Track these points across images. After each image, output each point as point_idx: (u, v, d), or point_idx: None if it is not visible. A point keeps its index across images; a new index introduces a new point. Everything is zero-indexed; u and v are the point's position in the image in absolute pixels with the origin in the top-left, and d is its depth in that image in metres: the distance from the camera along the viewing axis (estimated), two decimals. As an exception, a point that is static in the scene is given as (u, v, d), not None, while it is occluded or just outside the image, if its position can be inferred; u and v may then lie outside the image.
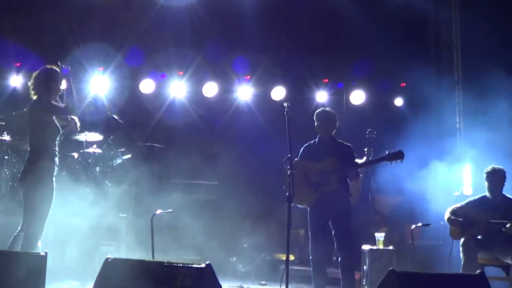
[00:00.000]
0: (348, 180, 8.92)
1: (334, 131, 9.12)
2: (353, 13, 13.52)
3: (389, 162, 8.88)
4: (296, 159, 8.92)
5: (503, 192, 9.35)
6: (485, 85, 11.94)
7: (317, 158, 8.90)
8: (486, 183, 9.42)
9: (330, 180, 8.74)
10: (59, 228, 10.32)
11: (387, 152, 8.87)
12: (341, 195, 8.76)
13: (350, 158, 8.90)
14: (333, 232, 8.77)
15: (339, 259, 8.74)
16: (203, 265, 5.73)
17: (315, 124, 9.09)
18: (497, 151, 11.18)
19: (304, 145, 9.22)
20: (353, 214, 9.00)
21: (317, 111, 9.17)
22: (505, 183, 9.39)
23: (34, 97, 8.06)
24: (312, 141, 9.18)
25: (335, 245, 8.77)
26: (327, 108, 9.34)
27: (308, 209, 8.95)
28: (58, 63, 8.36)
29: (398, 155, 8.79)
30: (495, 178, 9.38)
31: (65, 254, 10.52)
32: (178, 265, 5.81)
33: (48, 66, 8.23)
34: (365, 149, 10.41)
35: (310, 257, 8.89)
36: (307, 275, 10.06)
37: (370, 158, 9.61)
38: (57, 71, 8.19)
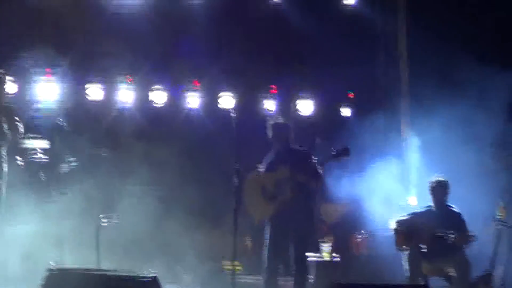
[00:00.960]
0: (309, 187, 8.85)
1: (289, 139, 9.03)
2: (302, 22, 13.59)
3: (337, 161, 8.87)
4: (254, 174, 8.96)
5: (447, 203, 9.50)
6: (432, 98, 12.07)
7: (272, 169, 8.84)
8: (431, 196, 9.56)
9: (285, 189, 8.66)
10: (1, 235, 10.18)
11: (332, 151, 8.81)
12: (297, 204, 8.66)
13: (302, 163, 8.75)
14: (291, 243, 8.72)
15: (295, 270, 8.70)
16: (149, 278, 5.69)
17: (269, 135, 9.00)
18: (444, 162, 11.34)
19: (264, 159, 9.14)
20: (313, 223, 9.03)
21: (269, 121, 9.07)
22: (449, 194, 9.56)
23: None
24: (270, 153, 9.11)
25: (293, 255, 8.72)
26: (278, 118, 9.26)
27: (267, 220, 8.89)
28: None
29: (344, 152, 8.72)
30: (440, 190, 9.53)
31: (8, 263, 10.36)
32: (125, 277, 5.76)
33: None
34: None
35: (265, 265, 8.79)
36: (254, 283, 10.06)
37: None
38: None
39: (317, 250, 10.19)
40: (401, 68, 13.94)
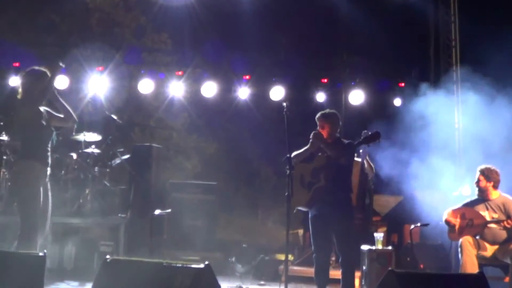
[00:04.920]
0: (347, 177, 8.75)
1: (338, 131, 8.91)
2: (352, 13, 13.52)
3: (367, 145, 8.76)
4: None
5: (499, 191, 9.38)
6: (484, 85, 11.92)
7: (312, 159, 8.75)
8: (482, 184, 9.43)
9: (320, 177, 8.58)
10: (57, 228, 10.32)
11: (363, 136, 8.71)
12: (332, 192, 8.56)
13: (338, 149, 8.59)
14: (332, 232, 8.64)
15: (340, 259, 8.62)
16: (202, 266, 5.70)
17: (317, 127, 8.89)
18: (496, 151, 11.18)
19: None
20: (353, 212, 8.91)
21: (318, 114, 8.93)
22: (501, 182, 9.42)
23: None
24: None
25: (335, 245, 8.64)
26: (327, 110, 9.10)
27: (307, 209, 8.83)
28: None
29: (375, 137, 8.58)
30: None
31: (64, 255, 10.51)
32: (177, 265, 5.79)
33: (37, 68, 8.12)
34: (361, 150, 10.31)
35: (314, 255, 8.74)
36: (306, 275, 10.06)
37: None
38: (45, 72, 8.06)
39: (371, 240, 10.05)
40: (453, 57, 13.78)
